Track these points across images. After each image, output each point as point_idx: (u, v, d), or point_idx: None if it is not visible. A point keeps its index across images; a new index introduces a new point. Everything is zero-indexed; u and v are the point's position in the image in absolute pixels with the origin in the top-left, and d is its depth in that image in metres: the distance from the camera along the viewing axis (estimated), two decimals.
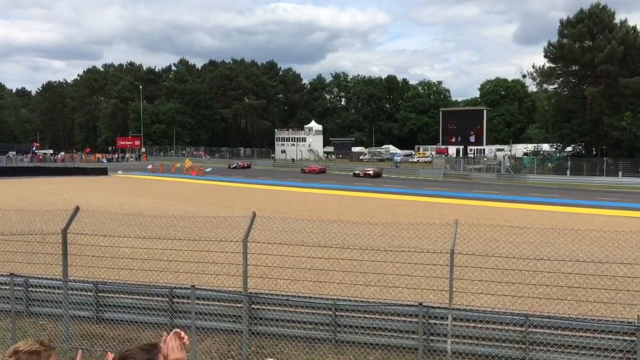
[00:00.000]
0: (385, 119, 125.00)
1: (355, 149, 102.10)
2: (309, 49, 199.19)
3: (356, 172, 63.52)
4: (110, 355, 2.62)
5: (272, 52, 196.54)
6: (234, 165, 78.15)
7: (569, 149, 68.06)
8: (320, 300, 9.47)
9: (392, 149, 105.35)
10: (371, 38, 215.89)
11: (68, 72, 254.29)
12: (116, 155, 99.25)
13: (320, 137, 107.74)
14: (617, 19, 63.83)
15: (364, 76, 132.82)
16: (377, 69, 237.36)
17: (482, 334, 8.38)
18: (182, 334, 2.70)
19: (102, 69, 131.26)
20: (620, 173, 55.62)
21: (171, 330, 2.73)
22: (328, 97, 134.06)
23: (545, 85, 71.49)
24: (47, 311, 9.81)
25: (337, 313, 9.01)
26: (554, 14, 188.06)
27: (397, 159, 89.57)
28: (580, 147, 67.47)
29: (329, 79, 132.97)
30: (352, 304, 9.27)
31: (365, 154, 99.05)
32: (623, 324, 8.25)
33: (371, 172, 62.14)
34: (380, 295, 10.89)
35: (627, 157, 58.77)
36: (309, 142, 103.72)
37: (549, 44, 65.39)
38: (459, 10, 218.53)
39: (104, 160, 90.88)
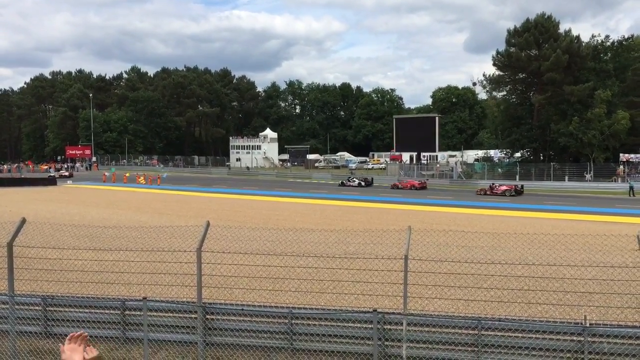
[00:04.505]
0: (340, 126, 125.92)
1: (311, 157, 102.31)
2: (264, 56, 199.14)
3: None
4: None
5: (227, 59, 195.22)
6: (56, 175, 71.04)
7: (518, 154, 69.85)
8: (276, 308, 9.43)
9: (347, 155, 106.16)
10: (326, 46, 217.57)
11: (15, 79, 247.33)
12: (66, 165, 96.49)
13: (276, 145, 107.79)
14: (562, 28, 66.03)
15: (319, 84, 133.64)
16: (332, 77, 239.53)
17: (436, 338, 8.51)
18: (75, 334, 2.69)
19: (49, 77, 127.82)
20: (566, 177, 57.37)
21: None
22: (283, 104, 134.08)
23: (494, 93, 73.17)
24: None
25: (293, 321, 8.98)
26: (503, 23, 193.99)
27: (352, 165, 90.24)
28: (528, 153, 69.32)
29: (283, 86, 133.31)
30: (308, 312, 9.25)
31: (321, 161, 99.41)
32: (571, 325, 8.51)
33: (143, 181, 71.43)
34: (336, 302, 10.92)
35: (573, 162, 60.83)
36: (264, 149, 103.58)
37: (497, 52, 67.07)
38: (411, 19, 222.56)
39: (52, 170, 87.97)
